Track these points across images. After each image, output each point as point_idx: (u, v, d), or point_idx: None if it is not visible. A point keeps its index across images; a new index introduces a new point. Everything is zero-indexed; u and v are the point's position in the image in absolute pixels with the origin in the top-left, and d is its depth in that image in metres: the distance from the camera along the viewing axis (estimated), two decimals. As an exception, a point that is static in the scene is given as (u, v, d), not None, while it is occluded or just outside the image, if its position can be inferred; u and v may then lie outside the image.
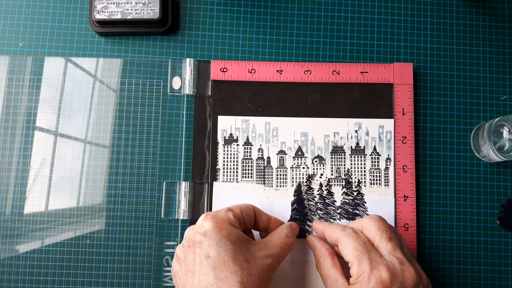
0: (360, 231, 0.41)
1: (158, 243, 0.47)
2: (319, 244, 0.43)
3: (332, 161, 0.49)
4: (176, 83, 0.49)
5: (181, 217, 0.47)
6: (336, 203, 0.48)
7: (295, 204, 0.47)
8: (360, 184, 0.48)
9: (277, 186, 0.48)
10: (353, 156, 0.49)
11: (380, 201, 0.48)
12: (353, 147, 0.49)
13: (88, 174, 0.48)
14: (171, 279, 0.47)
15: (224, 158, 0.48)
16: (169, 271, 0.47)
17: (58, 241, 0.47)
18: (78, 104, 0.49)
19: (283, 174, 0.48)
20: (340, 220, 0.47)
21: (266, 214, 0.44)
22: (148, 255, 0.47)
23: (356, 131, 0.49)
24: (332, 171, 0.48)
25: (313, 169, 0.48)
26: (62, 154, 0.48)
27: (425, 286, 0.39)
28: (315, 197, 0.48)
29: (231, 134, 0.49)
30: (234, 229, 0.39)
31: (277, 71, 0.49)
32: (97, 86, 0.49)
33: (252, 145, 0.49)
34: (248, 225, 0.42)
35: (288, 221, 0.47)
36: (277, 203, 0.48)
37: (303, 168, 0.48)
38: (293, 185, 0.48)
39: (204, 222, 0.39)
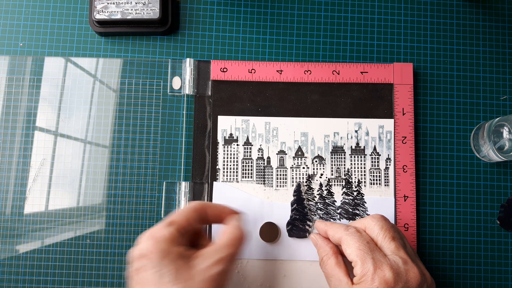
0: (363, 230, 0.41)
1: (158, 243, 0.47)
2: (323, 242, 0.42)
3: (332, 161, 0.49)
4: (176, 83, 0.49)
5: (181, 217, 0.47)
6: (336, 203, 0.48)
7: (295, 204, 0.47)
8: (360, 184, 0.48)
9: (277, 186, 0.48)
10: (353, 156, 0.49)
11: (380, 201, 0.48)
12: (353, 147, 0.49)
13: (88, 174, 0.48)
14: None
15: (224, 158, 0.48)
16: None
17: (58, 241, 0.47)
18: (78, 104, 0.49)
19: (283, 174, 0.48)
20: (340, 220, 0.47)
21: (215, 207, 0.41)
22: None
23: (356, 131, 0.49)
24: (332, 171, 0.48)
25: (313, 169, 0.48)
26: (62, 154, 0.48)
27: (429, 285, 0.39)
28: (315, 197, 0.48)
29: (231, 134, 0.49)
30: (174, 248, 0.36)
31: (277, 71, 0.49)
32: (97, 86, 0.49)
33: (252, 145, 0.49)
34: (198, 228, 0.40)
35: (288, 221, 0.47)
36: (277, 203, 0.48)
37: (303, 168, 0.48)
38: (293, 185, 0.48)
39: (142, 243, 0.37)
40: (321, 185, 0.48)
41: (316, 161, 0.49)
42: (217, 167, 0.48)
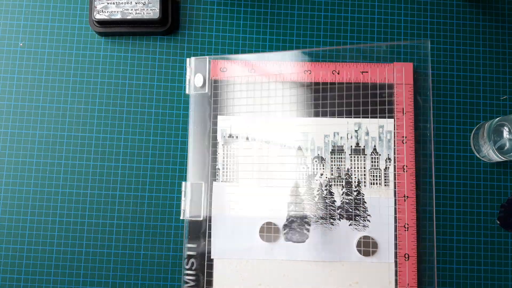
0: None
1: (158, 243, 0.47)
2: None
3: (332, 161, 0.49)
4: (198, 80, 0.49)
5: (181, 217, 0.47)
6: (336, 203, 0.48)
7: (295, 204, 0.47)
8: (360, 184, 0.48)
9: (277, 186, 0.48)
10: (353, 156, 0.49)
11: (380, 201, 0.48)
12: (353, 147, 0.49)
13: (88, 174, 0.48)
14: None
15: (223, 158, 0.48)
16: (170, 271, 0.47)
17: (59, 240, 0.47)
18: (78, 104, 0.49)
19: (283, 174, 0.48)
20: (340, 220, 0.47)
21: None
22: (150, 256, 0.47)
23: (356, 131, 0.49)
24: (332, 171, 0.48)
25: (313, 169, 0.48)
26: (62, 154, 0.48)
27: None
28: (315, 197, 0.48)
29: (231, 134, 0.49)
30: None
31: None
32: (97, 87, 0.49)
33: (252, 145, 0.49)
34: None
35: (285, 223, 0.47)
36: (276, 203, 0.48)
37: (303, 168, 0.48)
38: (293, 185, 0.48)
39: None
40: (321, 185, 0.48)
41: (316, 161, 0.49)
42: (217, 167, 0.48)
